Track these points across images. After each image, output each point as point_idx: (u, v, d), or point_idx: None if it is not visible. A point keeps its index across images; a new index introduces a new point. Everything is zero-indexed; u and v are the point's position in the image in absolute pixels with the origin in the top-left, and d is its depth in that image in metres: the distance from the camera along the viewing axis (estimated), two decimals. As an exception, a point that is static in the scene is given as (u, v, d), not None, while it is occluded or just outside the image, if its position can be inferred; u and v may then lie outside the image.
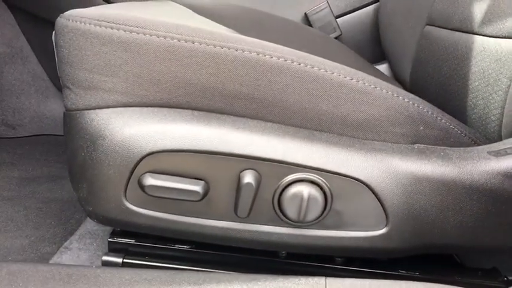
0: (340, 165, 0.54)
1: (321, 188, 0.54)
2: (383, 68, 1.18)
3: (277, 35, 0.88)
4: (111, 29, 0.52)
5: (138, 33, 0.52)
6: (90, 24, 0.52)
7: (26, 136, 1.35)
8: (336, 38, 1.19)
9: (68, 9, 0.55)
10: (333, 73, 0.55)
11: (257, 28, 0.89)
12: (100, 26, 0.52)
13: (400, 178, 0.55)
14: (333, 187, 0.54)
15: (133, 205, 0.55)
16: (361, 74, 0.57)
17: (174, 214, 0.56)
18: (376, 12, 1.19)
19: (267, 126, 0.55)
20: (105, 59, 0.53)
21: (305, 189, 0.54)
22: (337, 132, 0.57)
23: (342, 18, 1.21)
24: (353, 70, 0.57)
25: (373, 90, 0.56)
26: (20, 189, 1.05)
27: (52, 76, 1.35)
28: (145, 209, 0.56)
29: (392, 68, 1.12)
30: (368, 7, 1.20)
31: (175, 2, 0.87)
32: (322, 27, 1.18)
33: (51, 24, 0.58)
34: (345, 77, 0.55)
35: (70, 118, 0.56)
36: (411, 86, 0.93)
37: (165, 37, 0.52)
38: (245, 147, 0.53)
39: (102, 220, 0.58)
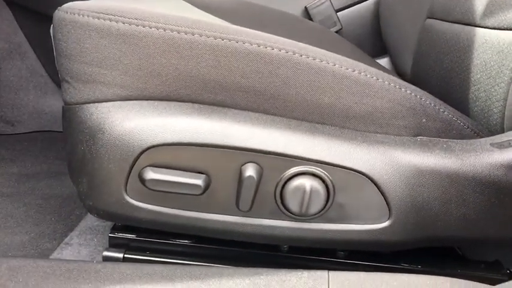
0: (343, 157, 0.53)
1: (323, 181, 0.54)
2: (383, 62, 1.18)
3: (277, 29, 0.87)
4: (110, 21, 0.51)
5: (137, 25, 0.51)
6: (88, 16, 0.52)
7: (25, 132, 1.35)
8: (336, 32, 1.18)
9: (66, 2, 0.55)
10: (334, 65, 0.54)
11: (257, 22, 0.89)
12: (98, 18, 0.52)
13: (402, 171, 0.54)
14: (335, 180, 0.54)
15: (134, 199, 0.55)
16: (363, 66, 0.56)
17: (175, 208, 0.55)
18: (377, 6, 1.19)
19: (269, 119, 0.55)
20: (104, 51, 0.52)
21: (307, 182, 0.53)
22: (339, 124, 0.57)
23: (342, 12, 1.21)
24: (355, 62, 0.56)
25: (375, 82, 0.56)
26: (19, 186, 1.05)
27: (50, 72, 1.34)
28: (146, 203, 0.55)
29: (393, 61, 1.12)
30: (368, 0, 1.19)
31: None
32: (322, 21, 1.17)
33: (49, 19, 0.57)
34: (347, 69, 0.55)
35: (69, 112, 0.56)
36: (412, 79, 0.92)
37: (164, 29, 0.52)
38: (246, 140, 0.53)
39: (102, 215, 0.58)
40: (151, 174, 0.53)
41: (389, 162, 0.54)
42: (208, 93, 0.54)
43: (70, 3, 0.54)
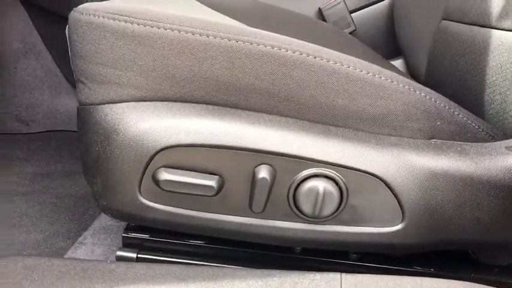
0: (356, 160, 0.53)
1: (337, 183, 0.54)
2: (397, 63, 1.17)
3: (290, 30, 0.87)
4: (125, 22, 0.52)
5: (152, 27, 0.52)
6: (103, 17, 0.52)
7: (40, 132, 1.36)
8: (350, 33, 1.18)
9: (81, 3, 0.55)
10: (348, 67, 0.54)
11: (269, 23, 0.89)
12: (114, 20, 0.52)
13: (416, 173, 0.54)
14: (348, 182, 0.54)
15: (148, 200, 0.55)
16: (377, 68, 0.56)
17: (189, 209, 0.55)
18: (391, 7, 1.18)
19: (282, 121, 0.55)
20: (119, 52, 0.53)
21: (320, 185, 0.53)
22: (352, 127, 0.56)
23: (356, 13, 1.20)
24: (369, 64, 0.56)
25: (389, 84, 0.55)
26: (34, 185, 1.06)
27: (65, 72, 1.35)
28: (160, 204, 0.55)
29: (407, 63, 1.11)
30: (382, 2, 1.19)
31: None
32: (336, 22, 1.17)
33: (64, 20, 0.58)
34: (361, 71, 0.55)
35: (84, 113, 0.56)
36: (426, 81, 0.92)
37: (179, 30, 0.52)
38: (260, 142, 0.53)
39: (116, 215, 0.58)
40: (165, 175, 0.53)
41: (403, 164, 0.54)
42: (222, 95, 0.54)
43: (85, 4, 0.54)
